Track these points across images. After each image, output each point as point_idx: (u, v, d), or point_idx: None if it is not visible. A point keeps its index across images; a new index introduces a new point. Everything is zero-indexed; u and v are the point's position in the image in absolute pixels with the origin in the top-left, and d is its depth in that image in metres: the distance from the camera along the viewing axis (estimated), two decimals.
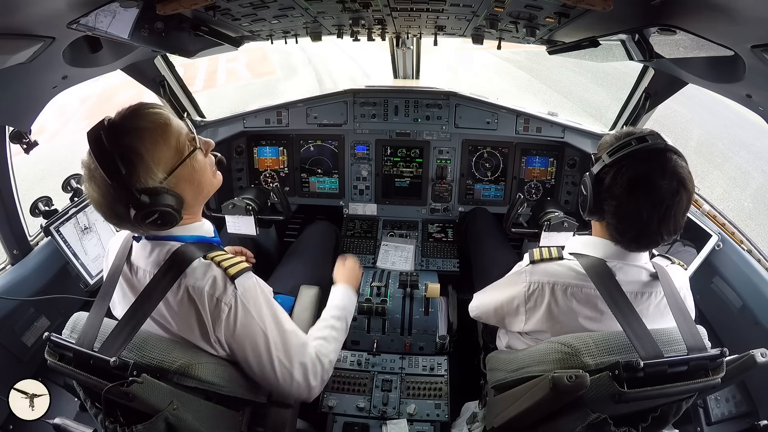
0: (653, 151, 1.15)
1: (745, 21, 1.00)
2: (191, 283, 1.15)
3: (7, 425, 1.61)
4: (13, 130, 1.65)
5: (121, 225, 1.15)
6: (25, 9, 1.08)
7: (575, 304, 1.25)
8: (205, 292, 1.15)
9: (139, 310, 1.12)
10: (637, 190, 1.13)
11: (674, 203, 1.12)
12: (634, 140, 1.17)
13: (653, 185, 1.12)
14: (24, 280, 1.82)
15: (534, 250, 1.37)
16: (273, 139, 2.90)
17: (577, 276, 1.26)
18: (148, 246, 1.21)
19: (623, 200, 1.16)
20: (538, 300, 1.30)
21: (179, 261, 1.15)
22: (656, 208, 1.12)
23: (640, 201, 1.13)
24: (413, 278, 2.29)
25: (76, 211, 2.02)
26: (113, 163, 1.03)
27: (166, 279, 1.13)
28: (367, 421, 1.86)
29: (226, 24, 1.82)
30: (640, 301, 1.23)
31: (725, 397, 1.88)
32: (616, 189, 1.17)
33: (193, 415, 1.13)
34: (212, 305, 1.15)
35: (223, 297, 1.16)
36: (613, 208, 1.19)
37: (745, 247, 2.02)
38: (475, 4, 1.59)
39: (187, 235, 1.22)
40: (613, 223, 1.21)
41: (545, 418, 1.18)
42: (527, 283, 1.32)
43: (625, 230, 1.19)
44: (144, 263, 1.20)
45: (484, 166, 2.87)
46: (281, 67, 11.11)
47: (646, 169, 1.13)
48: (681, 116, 7.42)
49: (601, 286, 1.19)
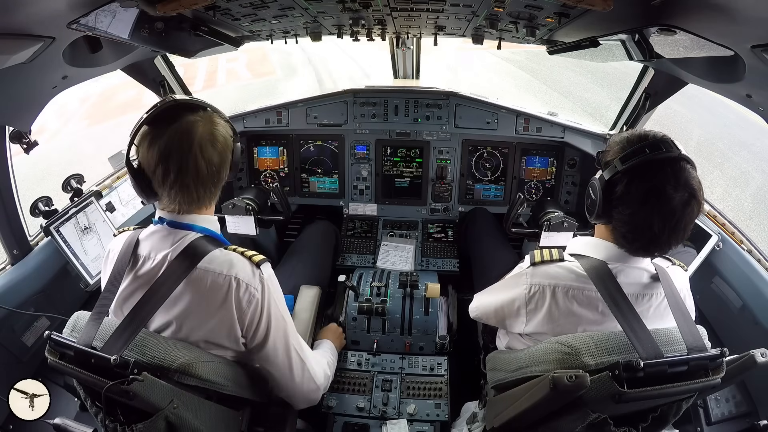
0: (667, 160, 1.13)
1: (745, 21, 1.00)
2: (216, 270, 1.18)
3: (7, 425, 1.61)
4: (13, 130, 1.65)
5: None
6: (25, 9, 1.08)
7: (576, 306, 1.25)
8: (232, 279, 1.18)
9: (146, 304, 1.13)
10: (651, 201, 1.12)
11: (685, 215, 1.11)
12: (648, 147, 1.14)
13: (666, 197, 1.10)
14: (24, 280, 1.82)
15: (535, 252, 1.36)
16: (273, 139, 2.90)
17: (578, 278, 1.25)
18: (166, 234, 1.23)
19: (635, 210, 1.14)
20: (539, 302, 1.30)
21: (197, 250, 1.19)
22: (668, 220, 1.11)
23: (653, 213, 1.12)
24: (413, 278, 2.29)
25: (76, 211, 2.02)
26: None
27: (182, 267, 1.16)
28: (367, 421, 1.86)
29: (226, 24, 1.82)
30: (641, 302, 1.22)
31: (725, 397, 1.88)
32: (628, 198, 1.15)
33: (193, 414, 1.13)
34: (241, 291, 1.19)
35: (252, 282, 1.21)
36: (624, 216, 1.17)
37: (745, 247, 2.02)
38: (475, 4, 1.59)
39: (203, 226, 1.26)
40: (621, 230, 1.20)
41: (545, 418, 1.18)
42: (528, 285, 1.32)
43: (634, 239, 1.19)
44: (158, 253, 1.21)
45: (484, 166, 2.87)
46: (281, 67, 11.11)
47: (661, 180, 1.11)
48: (681, 116, 7.42)
49: (602, 288, 1.18)
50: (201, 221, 1.26)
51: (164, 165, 1.15)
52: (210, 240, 1.24)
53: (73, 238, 1.98)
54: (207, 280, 1.18)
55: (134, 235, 1.26)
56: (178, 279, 1.15)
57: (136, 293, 1.20)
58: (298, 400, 1.43)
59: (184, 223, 1.24)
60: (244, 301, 1.20)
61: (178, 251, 1.18)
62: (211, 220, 1.30)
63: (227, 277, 1.18)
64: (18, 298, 1.77)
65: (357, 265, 2.64)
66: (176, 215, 1.23)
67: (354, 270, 2.47)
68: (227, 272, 1.19)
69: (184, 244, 1.20)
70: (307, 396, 1.43)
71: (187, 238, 1.21)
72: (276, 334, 1.28)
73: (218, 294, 1.18)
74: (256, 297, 1.22)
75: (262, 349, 1.28)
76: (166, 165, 1.14)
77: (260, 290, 1.22)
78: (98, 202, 2.14)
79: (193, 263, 1.16)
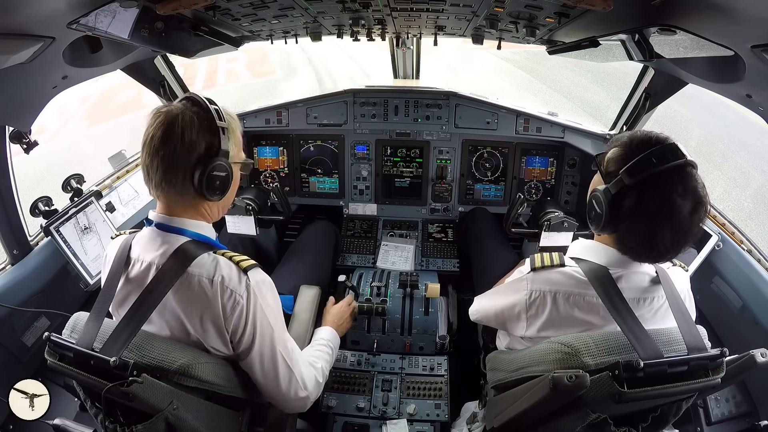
0: (674, 168, 1.09)
1: (745, 21, 1.00)
2: (203, 274, 1.17)
3: (7, 425, 1.61)
4: (13, 130, 1.65)
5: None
6: (25, 9, 1.08)
7: (577, 312, 1.24)
8: (217, 284, 1.17)
9: (142, 306, 1.13)
10: (661, 216, 1.10)
11: (693, 223, 1.10)
12: (655, 157, 1.09)
13: (676, 208, 1.08)
14: (24, 280, 1.82)
15: (535, 257, 1.34)
16: (273, 139, 2.90)
17: (579, 284, 1.24)
18: (155, 237, 1.22)
19: (645, 225, 1.12)
20: (539, 308, 1.29)
21: (187, 254, 1.17)
22: (677, 231, 1.10)
23: (663, 226, 1.10)
24: (413, 278, 2.29)
25: (76, 211, 2.02)
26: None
27: (173, 271, 1.15)
28: (367, 421, 1.86)
29: (226, 24, 1.82)
30: (641, 306, 1.22)
31: (725, 397, 1.88)
32: (639, 215, 1.12)
33: (193, 415, 1.13)
34: (225, 296, 1.17)
35: (237, 288, 1.19)
36: (632, 229, 1.15)
37: (745, 247, 2.02)
38: (475, 4, 1.59)
39: (192, 231, 1.24)
40: (628, 242, 1.18)
41: (545, 418, 1.18)
42: (528, 291, 1.31)
43: (641, 251, 1.18)
44: (149, 256, 1.20)
45: (484, 166, 2.87)
46: (281, 67, 11.08)
47: (670, 190, 1.08)
48: (681, 116, 7.42)
49: (603, 293, 1.17)
50: (192, 226, 1.24)
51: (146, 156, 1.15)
52: (199, 244, 1.22)
53: (73, 238, 1.98)
54: (194, 284, 1.16)
55: (129, 238, 1.26)
56: (170, 281, 1.14)
57: (130, 296, 1.19)
58: (285, 407, 1.40)
59: (173, 226, 1.22)
60: (228, 306, 1.18)
61: (167, 255, 1.17)
62: (203, 225, 1.27)
63: (213, 282, 1.17)
64: (18, 298, 1.77)
65: (357, 265, 2.64)
66: (165, 217, 1.22)
67: (354, 270, 2.47)
68: (213, 277, 1.17)
69: (172, 248, 1.18)
70: (294, 404, 1.39)
71: (176, 242, 1.20)
72: (262, 341, 1.25)
73: (205, 298, 1.16)
74: (241, 303, 1.19)
75: (247, 356, 1.25)
76: (149, 156, 1.15)
77: (245, 297, 1.19)
78: (98, 202, 2.14)
79: (183, 267, 1.15)
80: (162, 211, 1.23)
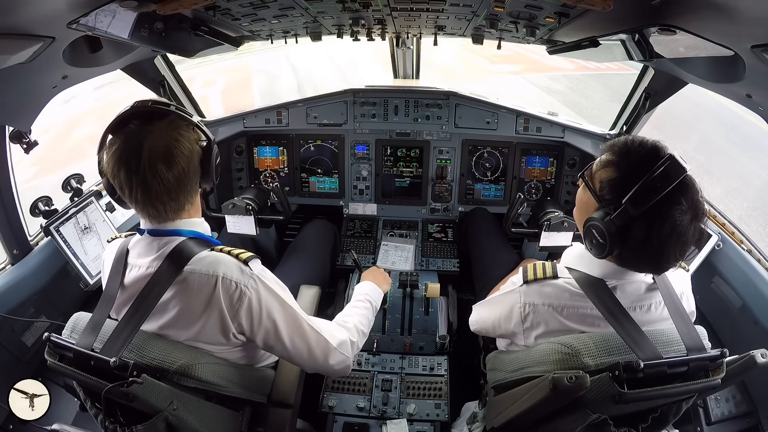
0: (677, 187, 1.03)
1: (745, 21, 1.00)
2: (202, 271, 1.17)
3: (7, 425, 1.61)
4: (13, 130, 1.65)
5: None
6: (25, 9, 1.08)
7: (572, 324, 1.23)
8: (219, 279, 1.16)
9: (140, 307, 1.12)
10: (669, 241, 1.06)
11: (693, 233, 1.08)
12: (659, 181, 1.02)
13: (683, 230, 1.05)
14: (24, 280, 1.82)
15: (528, 267, 1.31)
16: (273, 139, 2.90)
17: (573, 297, 1.22)
18: (150, 242, 1.21)
19: (652, 250, 1.09)
20: (534, 321, 1.28)
21: (184, 253, 1.17)
22: (682, 247, 1.08)
23: (671, 249, 1.08)
24: (413, 278, 2.29)
25: (76, 211, 2.02)
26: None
27: (169, 271, 1.14)
28: (367, 421, 1.86)
29: (226, 24, 1.82)
30: (639, 312, 1.20)
31: (725, 397, 1.88)
32: (646, 243, 1.07)
33: (193, 415, 1.13)
34: (230, 290, 1.17)
35: (241, 279, 1.19)
36: (639, 255, 1.12)
37: (745, 247, 2.02)
38: (475, 4, 1.59)
39: (188, 229, 1.23)
40: (630, 260, 1.16)
41: (545, 418, 1.18)
42: (522, 305, 1.29)
43: (642, 268, 1.17)
44: (146, 261, 1.20)
45: (484, 166, 2.87)
46: (263, 96, 9.30)
47: (674, 210, 1.04)
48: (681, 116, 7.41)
49: (599, 302, 1.16)
50: (186, 225, 1.23)
51: (118, 180, 1.10)
52: (197, 242, 1.22)
53: (73, 238, 1.98)
54: (193, 281, 1.16)
55: (126, 242, 1.26)
56: (167, 282, 1.14)
57: (130, 298, 1.19)
58: (330, 374, 1.43)
59: (167, 230, 1.21)
60: (234, 299, 1.18)
61: (164, 255, 1.17)
62: (197, 222, 1.26)
63: (213, 277, 1.16)
64: (18, 297, 1.78)
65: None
66: (156, 224, 1.21)
67: (354, 270, 2.47)
68: (213, 272, 1.17)
69: (169, 249, 1.18)
70: (337, 369, 1.40)
71: (173, 243, 1.19)
72: (285, 320, 1.25)
73: (205, 294, 1.16)
74: (248, 294, 1.19)
75: (274, 340, 1.25)
76: (120, 180, 1.10)
77: (252, 286, 1.20)
78: (98, 202, 2.14)
79: (180, 266, 1.15)
80: (152, 220, 1.20)
